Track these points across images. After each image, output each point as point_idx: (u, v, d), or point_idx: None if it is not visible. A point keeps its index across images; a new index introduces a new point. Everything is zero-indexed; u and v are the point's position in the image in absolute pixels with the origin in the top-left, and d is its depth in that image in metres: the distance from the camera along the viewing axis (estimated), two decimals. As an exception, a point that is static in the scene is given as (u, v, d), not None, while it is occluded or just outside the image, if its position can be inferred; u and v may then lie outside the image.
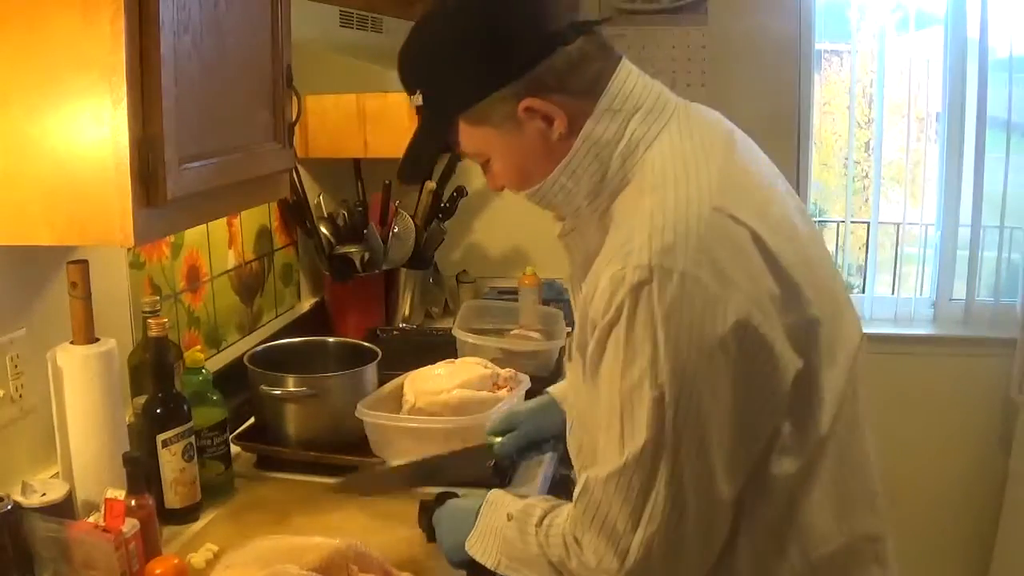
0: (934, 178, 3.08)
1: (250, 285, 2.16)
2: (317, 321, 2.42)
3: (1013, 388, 2.93)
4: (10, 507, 1.18)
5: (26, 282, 1.43)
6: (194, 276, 1.90)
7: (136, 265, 1.69)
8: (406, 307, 2.58)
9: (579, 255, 1.19)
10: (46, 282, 1.46)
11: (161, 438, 1.44)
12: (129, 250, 1.65)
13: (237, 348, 2.04)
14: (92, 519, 1.26)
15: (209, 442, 1.55)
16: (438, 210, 2.64)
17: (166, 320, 1.53)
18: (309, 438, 1.69)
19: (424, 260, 2.62)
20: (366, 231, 2.40)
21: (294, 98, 1.53)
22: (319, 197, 2.39)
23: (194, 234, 1.88)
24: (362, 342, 1.94)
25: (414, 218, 2.53)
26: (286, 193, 1.66)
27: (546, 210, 1.19)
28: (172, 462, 1.45)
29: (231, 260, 2.07)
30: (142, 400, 1.49)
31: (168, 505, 1.46)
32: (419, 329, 2.55)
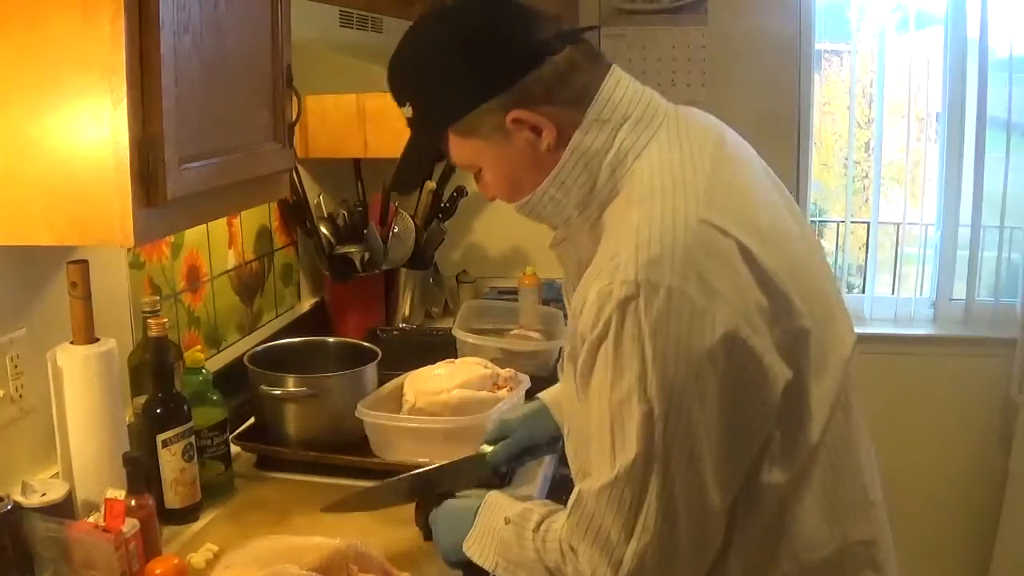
0: (934, 178, 3.08)
1: (250, 285, 2.16)
2: (317, 321, 2.42)
3: (1013, 388, 2.93)
4: (10, 507, 1.18)
5: (26, 282, 1.43)
6: (194, 276, 1.90)
7: (136, 265, 1.69)
8: (406, 307, 2.58)
9: (571, 264, 1.19)
10: (46, 282, 1.46)
11: (161, 438, 1.44)
12: (129, 250, 1.65)
13: (237, 348, 2.04)
14: (92, 519, 1.26)
15: (209, 442, 1.55)
16: (438, 210, 2.64)
17: (166, 320, 1.53)
18: (309, 438, 1.69)
19: (424, 260, 2.62)
20: (366, 231, 2.40)
21: (294, 98, 1.53)
22: (319, 197, 2.39)
23: (194, 234, 1.88)
24: (362, 342, 1.94)
25: (414, 218, 2.53)
26: (286, 193, 1.66)
27: (537, 222, 1.19)
28: (172, 462, 1.45)
29: (231, 260, 2.07)
30: (142, 400, 1.49)
31: (168, 505, 1.46)
32: (419, 329, 2.55)
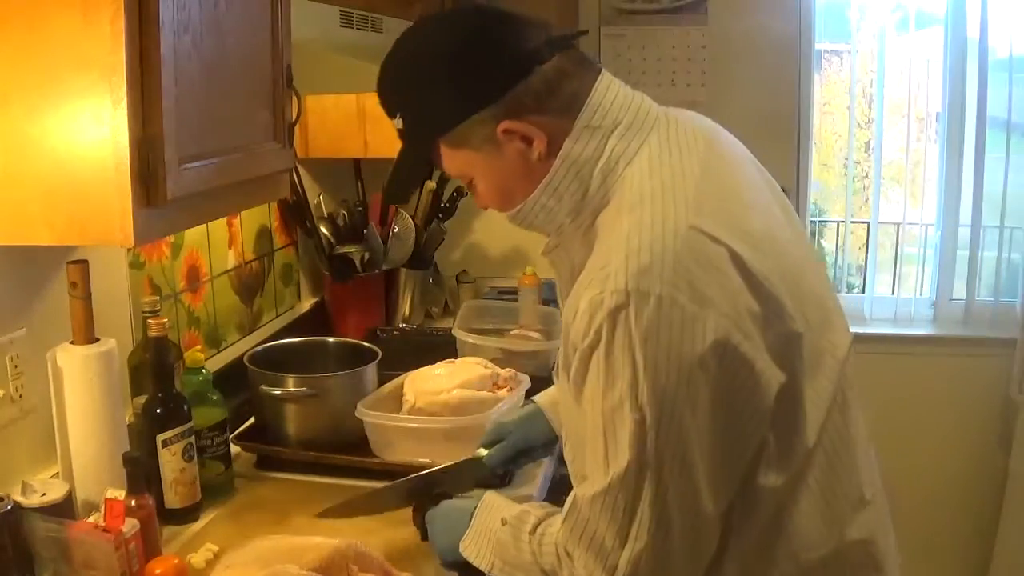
0: (934, 178, 3.08)
1: (250, 285, 2.16)
2: (317, 321, 2.42)
3: (1013, 388, 2.93)
4: (10, 507, 1.18)
5: (26, 282, 1.43)
6: (194, 276, 1.90)
7: (136, 265, 1.69)
8: (406, 307, 2.58)
9: (565, 271, 1.19)
10: (46, 282, 1.46)
11: (161, 438, 1.44)
12: (129, 250, 1.65)
13: (237, 348, 2.04)
14: (92, 519, 1.26)
15: (209, 442, 1.55)
16: (438, 210, 2.64)
17: (166, 320, 1.53)
18: (309, 438, 1.69)
19: (424, 260, 2.62)
20: (366, 231, 2.40)
21: (294, 98, 1.53)
22: (319, 197, 2.39)
23: (194, 234, 1.88)
24: (362, 342, 1.94)
25: (414, 218, 2.53)
26: (286, 193, 1.66)
27: (529, 230, 1.19)
28: (172, 462, 1.45)
29: (231, 260, 2.07)
30: (142, 400, 1.49)
31: (168, 505, 1.46)
32: (419, 329, 2.55)
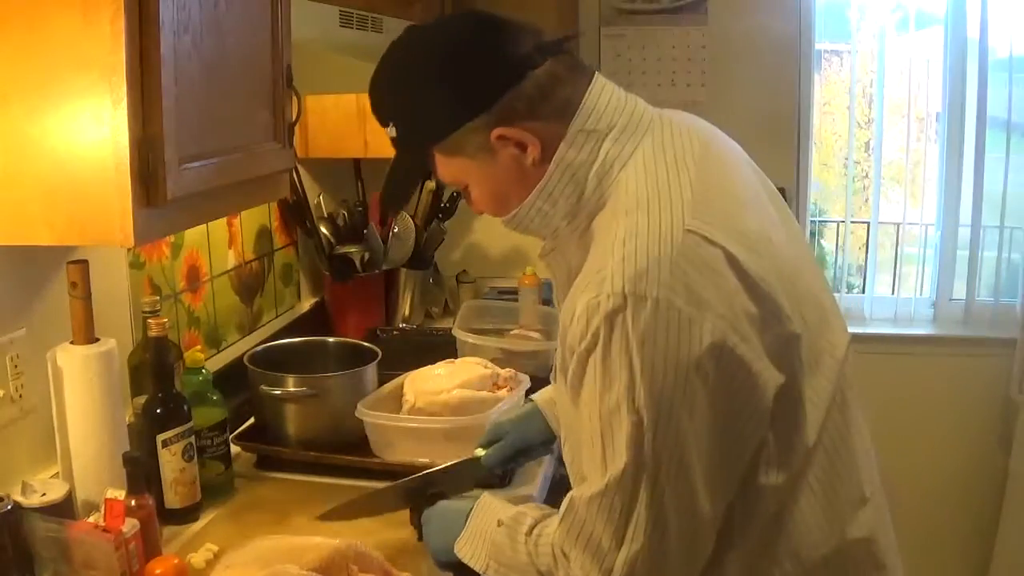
0: (934, 178, 3.08)
1: (250, 285, 2.16)
2: (317, 321, 2.42)
3: (1013, 388, 2.93)
4: (10, 507, 1.18)
5: (26, 282, 1.43)
6: (194, 276, 1.90)
7: (136, 265, 1.69)
8: (406, 307, 2.58)
9: (561, 274, 1.19)
10: (46, 282, 1.46)
11: (161, 438, 1.44)
12: (129, 250, 1.65)
13: (237, 348, 2.04)
14: (92, 519, 1.26)
15: (209, 442, 1.55)
16: (438, 210, 2.64)
17: (166, 320, 1.53)
18: (309, 438, 1.69)
19: (424, 260, 2.62)
20: (366, 231, 2.40)
21: (294, 98, 1.53)
22: (319, 197, 2.39)
23: (194, 234, 1.88)
24: (362, 342, 1.94)
25: (414, 218, 2.54)
26: (286, 193, 1.66)
27: (524, 235, 1.18)
28: (172, 462, 1.45)
29: (231, 260, 2.07)
30: (142, 400, 1.49)
31: (168, 505, 1.46)
32: (419, 329, 2.55)
